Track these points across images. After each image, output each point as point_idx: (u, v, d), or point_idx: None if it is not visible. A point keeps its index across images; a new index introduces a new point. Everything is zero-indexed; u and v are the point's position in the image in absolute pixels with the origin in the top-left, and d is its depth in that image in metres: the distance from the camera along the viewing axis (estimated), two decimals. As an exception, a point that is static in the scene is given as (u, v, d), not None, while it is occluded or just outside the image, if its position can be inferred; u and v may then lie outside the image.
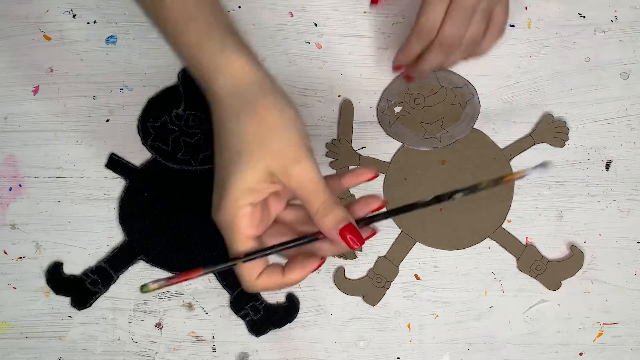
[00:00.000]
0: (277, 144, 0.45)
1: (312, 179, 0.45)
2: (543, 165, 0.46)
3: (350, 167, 0.51)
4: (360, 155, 0.63)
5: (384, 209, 0.48)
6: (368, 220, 0.47)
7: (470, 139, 0.64)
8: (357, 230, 0.45)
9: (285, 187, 0.46)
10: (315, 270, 0.47)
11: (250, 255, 0.46)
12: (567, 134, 0.64)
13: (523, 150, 0.64)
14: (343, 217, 0.45)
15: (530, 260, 0.62)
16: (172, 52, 0.49)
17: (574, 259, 0.63)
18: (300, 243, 0.47)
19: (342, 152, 0.63)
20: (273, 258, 0.47)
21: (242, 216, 0.45)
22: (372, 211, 0.48)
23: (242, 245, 0.46)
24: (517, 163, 0.64)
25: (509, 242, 0.63)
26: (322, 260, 0.47)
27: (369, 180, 0.49)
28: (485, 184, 0.47)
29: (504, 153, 0.64)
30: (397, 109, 0.64)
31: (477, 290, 0.62)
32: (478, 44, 0.57)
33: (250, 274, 0.47)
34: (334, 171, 0.63)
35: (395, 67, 0.62)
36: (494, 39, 0.58)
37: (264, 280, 0.47)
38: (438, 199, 0.46)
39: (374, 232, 0.48)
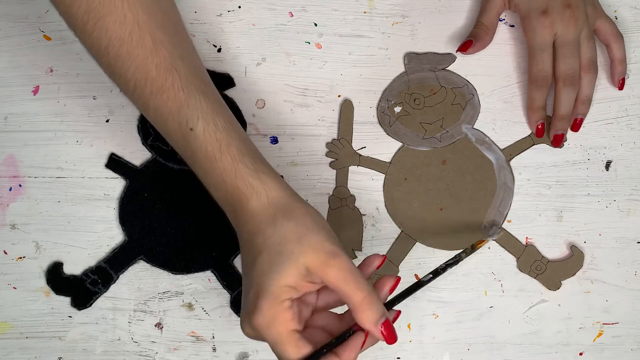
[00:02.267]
0: (314, 242, 0.47)
1: (352, 272, 0.47)
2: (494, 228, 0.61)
3: (365, 259, 0.52)
4: (360, 155, 0.63)
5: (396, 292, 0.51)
6: (390, 304, 0.51)
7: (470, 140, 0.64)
8: (392, 326, 0.48)
9: (322, 282, 0.48)
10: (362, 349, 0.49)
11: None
12: (566, 134, 0.64)
13: (522, 151, 0.64)
14: (382, 313, 0.48)
15: (530, 260, 0.62)
16: (200, 178, 0.52)
17: (574, 259, 0.63)
18: (344, 340, 0.49)
19: (342, 152, 0.63)
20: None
21: (285, 311, 0.47)
22: (390, 290, 0.51)
23: (292, 348, 0.47)
24: (517, 163, 0.64)
25: (509, 242, 0.63)
26: (366, 335, 0.49)
27: (378, 267, 0.52)
28: (467, 254, 0.56)
29: (503, 153, 0.64)
30: (397, 109, 0.64)
31: (477, 290, 0.62)
32: (595, 62, 0.63)
33: None
34: (334, 172, 0.63)
35: (538, 129, 0.64)
36: (618, 45, 0.64)
37: None
38: (435, 273, 0.54)
39: (399, 313, 0.52)
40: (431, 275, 0.54)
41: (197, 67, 0.53)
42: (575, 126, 0.64)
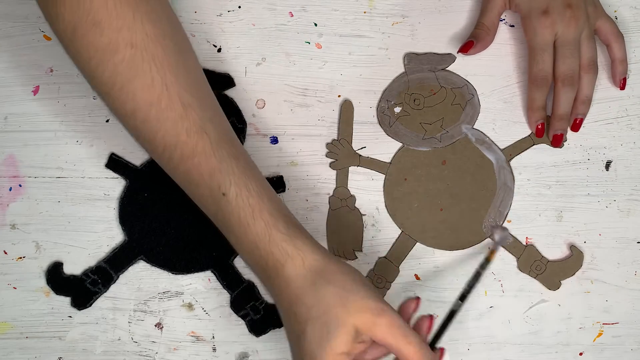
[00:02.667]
0: (358, 303, 0.47)
1: (400, 326, 0.47)
2: (501, 232, 0.61)
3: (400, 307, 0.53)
4: (360, 155, 0.63)
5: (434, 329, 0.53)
6: (432, 344, 0.53)
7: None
8: None
9: (372, 340, 0.48)
10: None
11: None
12: (566, 134, 0.64)
13: (523, 151, 0.64)
14: None
15: (530, 260, 0.62)
16: (231, 244, 0.52)
17: (573, 259, 0.63)
18: None
19: (342, 152, 0.63)
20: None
21: None
22: (428, 328, 0.51)
23: None
24: (517, 163, 0.64)
25: (508, 242, 0.63)
26: None
27: (414, 310, 0.52)
28: (483, 268, 0.58)
29: (503, 153, 0.64)
30: (397, 110, 0.64)
31: (477, 291, 0.62)
32: (595, 62, 0.63)
33: None
34: (334, 172, 0.63)
35: (538, 129, 0.64)
36: (618, 44, 0.64)
37: None
38: (463, 297, 0.56)
39: (443, 350, 0.52)
40: (460, 302, 0.55)
41: (225, 128, 0.52)
42: (575, 126, 0.64)
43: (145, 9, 0.50)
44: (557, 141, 0.63)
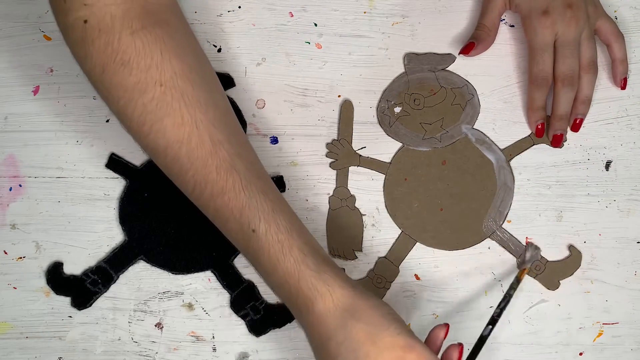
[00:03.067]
0: (388, 340, 0.48)
1: None
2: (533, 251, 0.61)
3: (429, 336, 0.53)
4: (360, 155, 0.63)
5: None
6: None
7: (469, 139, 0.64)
8: None
9: None
10: None
11: None
12: (566, 134, 0.64)
13: (523, 151, 0.64)
14: None
15: (531, 260, 0.62)
16: (261, 277, 0.53)
17: (572, 259, 0.63)
18: None
19: (342, 152, 0.63)
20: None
21: None
22: (459, 357, 0.52)
23: None
24: (517, 163, 0.64)
25: (508, 242, 0.63)
26: None
27: (445, 335, 0.53)
28: (514, 289, 0.59)
29: (503, 153, 0.64)
30: (397, 110, 0.64)
31: (477, 290, 0.62)
32: (595, 62, 0.63)
33: None
34: (334, 172, 0.63)
35: (538, 129, 0.64)
36: (619, 44, 0.64)
37: None
38: (493, 322, 0.56)
39: None
40: (490, 327, 0.56)
41: (254, 162, 0.53)
42: (575, 126, 0.64)
43: (172, 45, 0.50)
44: (557, 141, 0.63)
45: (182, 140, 0.49)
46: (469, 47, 0.63)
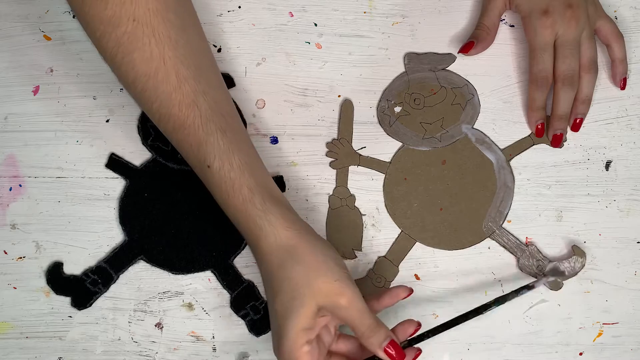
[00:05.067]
0: (323, 283, 0.51)
1: (357, 307, 0.52)
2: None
3: (391, 289, 0.57)
4: (360, 155, 0.63)
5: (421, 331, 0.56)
6: (411, 342, 0.55)
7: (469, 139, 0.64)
8: (398, 345, 0.52)
9: (334, 316, 0.53)
10: None
11: None
12: (566, 134, 0.64)
13: (522, 151, 0.64)
14: (385, 336, 0.52)
15: (530, 260, 0.62)
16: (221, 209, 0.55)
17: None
18: None
19: (342, 152, 0.63)
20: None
21: (303, 354, 0.51)
22: (411, 334, 0.55)
23: None
24: (517, 163, 0.64)
25: (508, 242, 0.63)
26: None
27: (405, 297, 0.57)
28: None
29: (503, 153, 0.64)
30: (397, 109, 0.64)
31: (477, 290, 0.62)
32: (595, 62, 0.63)
33: None
34: (334, 172, 0.63)
35: (538, 129, 0.64)
36: (619, 45, 0.64)
37: None
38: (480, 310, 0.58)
39: (419, 351, 0.55)
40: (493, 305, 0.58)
41: (219, 101, 0.54)
42: (575, 126, 0.64)
43: None
44: (557, 141, 0.63)
45: (149, 74, 0.51)
46: (469, 46, 0.63)
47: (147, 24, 0.51)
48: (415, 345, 0.55)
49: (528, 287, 0.59)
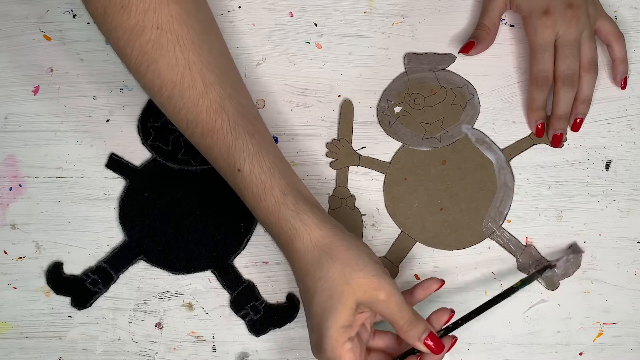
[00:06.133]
0: (360, 279, 0.51)
1: (396, 301, 0.52)
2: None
3: (422, 282, 0.57)
4: (360, 155, 0.63)
5: (454, 319, 0.56)
6: (447, 330, 0.56)
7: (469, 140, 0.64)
8: (436, 337, 0.53)
9: (372, 312, 0.53)
10: None
11: None
12: (566, 134, 0.64)
13: (522, 151, 0.64)
14: (424, 329, 0.52)
15: (530, 260, 0.62)
16: (252, 213, 0.55)
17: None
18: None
19: (342, 152, 0.63)
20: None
21: (345, 352, 0.51)
22: (445, 322, 0.55)
23: None
24: (517, 163, 0.64)
25: (508, 242, 0.63)
26: (419, 357, 0.54)
27: (437, 289, 0.57)
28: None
29: (503, 153, 0.64)
30: (397, 109, 0.64)
31: (477, 290, 0.62)
32: (595, 62, 0.63)
33: None
34: (334, 172, 0.63)
35: (538, 128, 0.64)
36: (619, 44, 0.64)
37: None
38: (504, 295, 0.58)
39: (455, 339, 0.55)
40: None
41: (245, 104, 0.55)
42: (576, 126, 0.64)
43: None
44: (557, 141, 0.63)
45: (176, 81, 0.52)
46: (469, 46, 0.63)
47: (171, 30, 0.51)
48: (451, 334, 0.55)
49: (550, 267, 0.61)
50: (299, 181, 0.55)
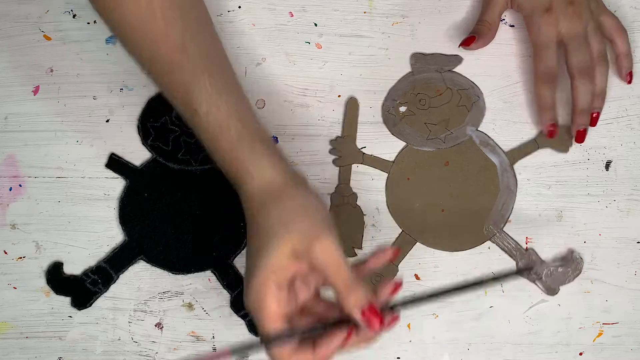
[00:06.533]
0: (300, 225, 0.49)
1: (334, 257, 0.48)
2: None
3: (376, 251, 0.53)
4: (363, 153, 0.63)
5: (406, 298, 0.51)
6: (392, 306, 0.50)
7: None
8: (376, 309, 0.48)
9: (310, 265, 0.49)
10: (346, 344, 0.49)
11: (279, 337, 0.48)
12: (572, 139, 0.64)
13: (527, 155, 0.64)
14: (363, 297, 0.48)
15: (530, 265, 0.62)
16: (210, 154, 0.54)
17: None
18: (327, 326, 0.49)
19: (346, 150, 0.63)
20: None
21: (269, 294, 0.48)
22: (391, 293, 0.50)
23: (270, 324, 0.48)
24: (517, 163, 0.64)
25: (509, 246, 0.62)
26: (350, 329, 0.49)
27: (391, 259, 0.53)
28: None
29: (507, 156, 0.64)
30: (403, 109, 0.64)
31: (477, 290, 0.62)
32: (605, 55, 0.62)
33: (281, 354, 0.49)
34: (337, 169, 0.63)
35: (550, 130, 0.62)
36: (622, 39, 0.63)
37: (295, 359, 0.49)
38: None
39: (396, 317, 0.50)
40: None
41: (208, 46, 0.54)
42: (593, 121, 0.62)
43: None
44: (581, 137, 0.62)
45: (141, 18, 0.51)
46: (470, 39, 0.63)
47: None
48: (393, 311, 0.50)
49: (528, 270, 0.60)
50: (261, 128, 0.54)
